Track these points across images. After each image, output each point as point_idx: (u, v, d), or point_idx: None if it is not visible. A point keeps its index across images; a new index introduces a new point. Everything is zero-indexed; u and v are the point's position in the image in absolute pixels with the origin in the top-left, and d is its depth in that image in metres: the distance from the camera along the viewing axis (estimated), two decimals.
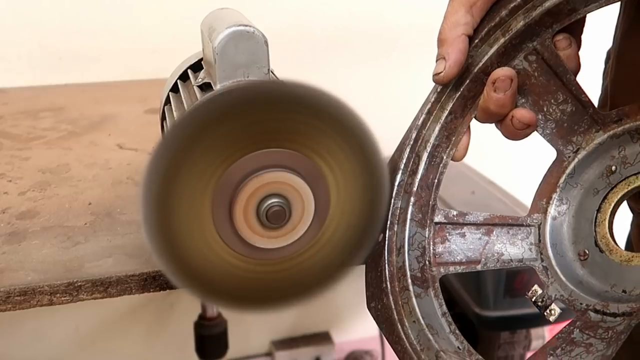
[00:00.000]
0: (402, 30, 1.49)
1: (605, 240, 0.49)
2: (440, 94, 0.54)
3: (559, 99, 0.52)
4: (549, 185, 0.53)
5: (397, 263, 0.52)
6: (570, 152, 0.52)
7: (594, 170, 0.51)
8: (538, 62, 0.51)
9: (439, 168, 0.54)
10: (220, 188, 0.43)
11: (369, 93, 1.48)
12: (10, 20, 1.23)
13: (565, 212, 0.52)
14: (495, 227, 0.53)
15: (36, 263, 0.55)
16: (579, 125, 0.52)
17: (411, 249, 0.52)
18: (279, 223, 0.44)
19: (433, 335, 0.48)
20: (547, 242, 0.52)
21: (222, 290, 0.46)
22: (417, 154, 0.54)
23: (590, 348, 0.43)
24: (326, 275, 0.47)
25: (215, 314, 1.31)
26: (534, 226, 0.53)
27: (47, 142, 0.88)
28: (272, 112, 0.42)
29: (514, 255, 0.52)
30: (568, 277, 0.50)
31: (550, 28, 0.50)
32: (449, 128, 0.54)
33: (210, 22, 0.55)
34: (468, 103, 0.54)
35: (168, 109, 0.63)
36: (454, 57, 0.50)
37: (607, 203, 0.50)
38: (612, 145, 0.50)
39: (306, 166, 0.44)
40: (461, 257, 0.53)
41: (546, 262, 0.51)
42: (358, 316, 1.66)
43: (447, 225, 0.53)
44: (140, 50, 1.31)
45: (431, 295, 0.51)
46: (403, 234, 0.53)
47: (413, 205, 0.53)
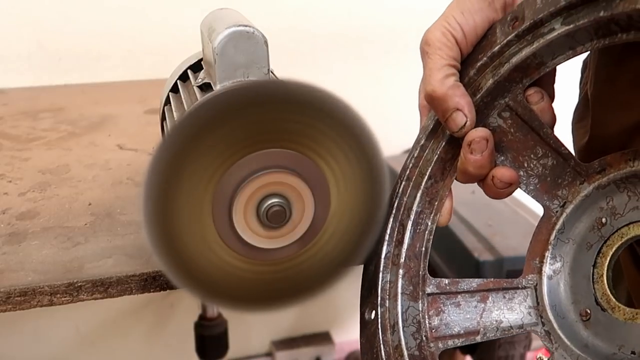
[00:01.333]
0: (402, 31, 1.48)
1: (606, 297, 0.47)
2: (418, 159, 0.53)
3: (538, 154, 0.50)
4: (540, 242, 0.51)
5: (392, 342, 0.49)
6: (557, 207, 0.51)
7: (584, 223, 0.49)
8: (512, 118, 0.50)
9: (424, 235, 0.52)
10: (221, 188, 0.43)
11: (369, 93, 1.49)
12: (10, 20, 1.23)
13: (560, 270, 0.50)
14: (490, 293, 0.51)
15: (36, 263, 0.55)
16: (562, 178, 0.50)
17: (406, 325, 0.50)
18: (279, 223, 0.44)
19: None
20: (546, 304, 0.49)
21: (222, 290, 0.46)
22: (400, 223, 0.52)
23: None
24: (326, 275, 0.48)
25: (215, 314, 1.31)
26: (530, 288, 0.50)
27: (47, 142, 0.88)
28: (272, 112, 0.42)
29: (513, 322, 0.50)
30: (572, 340, 0.47)
31: (521, 83, 0.49)
32: (430, 193, 0.52)
33: (210, 22, 0.55)
34: (447, 165, 0.52)
35: (168, 109, 0.63)
36: (465, 102, 0.48)
37: (602, 257, 0.48)
38: (599, 197, 0.49)
39: (306, 166, 0.44)
40: (458, 329, 0.50)
41: (548, 326, 0.49)
42: (358, 316, 1.66)
43: (440, 295, 0.51)
44: (140, 50, 1.31)
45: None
46: (396, 309, 0.50)
47: (402, 277, 0.51)
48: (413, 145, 0.53)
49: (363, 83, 1.49)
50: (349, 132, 0.44)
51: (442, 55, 0.49)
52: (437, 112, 0.50)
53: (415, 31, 1.71)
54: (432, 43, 0.49)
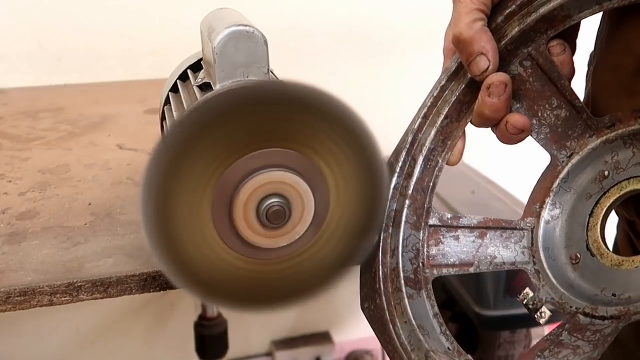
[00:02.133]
0: (402, 31, 1.49)
1: (597, 244, 0.49)
2: (437, 99, 0.54)
3: (553, 105, 0.52)
4: (543, 189, 0.53)
5: (391, 265, 0.52)
6: (564, 157, 0.53)
7: (588, 175, 0.52)
8: (533, 68, 0.52)
9: (434, 172, 0.55)
10: (220, 188, 0.43)
11: (369, 93, 1.48)
12: (10, 20, 1.23)
13: (558, 217, 0.52)
14: (489, 231, 0.54)
15: (36, 264, 0.55)
16: (573, 130, 0.52)
17: (405, 251, 0.53)
18: (279, 223, 0.44)
19: (424, 336, 0.49)
20: (540, 246, 0.52)
21: (222, 290, 0.46)
22: (413, 157, 0.54)
23: (577, 350, 0.44)
24: (326, 275, 0.47)
25: (215, 314, 1.31)
26: (527, 230, 0.53)
27: (47, 142, 0.88)
28: (272, 112, 0.42)
29: (506, 259, 0.53)
30: (559, 280, 0.50)
31: (545, 34, 0.51)
32: (444, 132, 0.55)
33: (210, 22, 0.55)
34: (464, 108, 0.54)
35: (168, 109, 0.63)
36: (491, 46, 0.50)
37: (599, 208, 0.50)
38: (605, 151, 0.51)
39: (306, 166, 0.44)
40: (454, 259, 0.53)
41: (538, 266, 0.51)
42: (358, 316, 1.66)
43: (441, 228, 0.54)
44: (140, 50, 1.31)
45: (424, 296, 0.52)
46: (397, 236, 0.53)
47: (408, 208, 0.53)
48: (434, 86, 0.55)
49: (363, 83, 1.48)
50: (349, 132, 0.44)
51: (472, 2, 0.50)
52: (461, 55, 0.51)
53: (416, 31, 1.72)
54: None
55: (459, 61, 0.53)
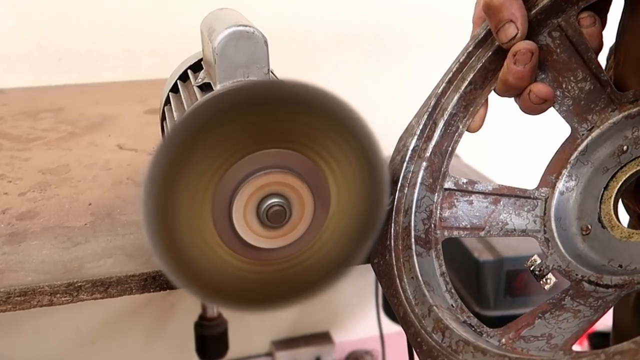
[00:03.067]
0: (402, 31, 1.49)
1: (608, 216, 0.50)
2: (463, 65, 0.55)
3: (578, 77, 0.52)
4: (560, 161, 0.54)
5: (403, 223, 0.53)
6: (585, 130, 0.53)
7: (606, 149, 0.52)
8: (561, 39, 0.52)
9: (454, 136, 0.55)
10: (221, 188, 0.43)
11: (369, 93, 1.49)
12: (10, 20, 1.23)
13: (573, 188, 0.53)
14: (502, 198, 0.54)
15: (36, 263, 0.55)
16: (595, 103, 0.52)
17: (418, 211, 0.53)
18: (279, 223, 0.44)
19: (429, 291, 0.49)
20: (552, 216, 0.52)
21: (222, 290, 0.46)
22: (434, 121, 0.55)
23: (577, 314, 0.45)
24: (326, 274, 0.47)
25: (215, 314, 1.31)
26: (541, 199, 0.53)
27: (47, 142, 0.88)
28: (272, 112, 0.42)
29: (517, 226, 0.53)
30: (568, 249, 0.50)
31: (576, 5, 0.51)
32: (467, 98, 0.55)
33: (210, 22, 0.55)
34: (489, 75, 0.55)
35: (168, 109, 0.63)
36: (520, 14, 0.50)
37: (615, 181, 0.50)
38: (626, 125, 0.51)
39: (306, 166, 0.44)
40: (466, 222, 0.54)
41: (548, 235, 0.52)
42: (358, 316, 1.66)
43: (456, 192, 0.55)
44: (140, 50, 1.31)
45: (432, 255, 0.52)
46: (412, 196, 0.54)
47: (425, 170, 0.54)
48: (461, 52, 0.56)
49: (363, 83, 1.49)
50: (349, 132, 0.44)
51: None
52: (490, 21, 0.52)
53: (416, 31, 1.72)
54: None
55: (487, 28, 0.54)
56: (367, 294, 1.53)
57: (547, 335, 0.44)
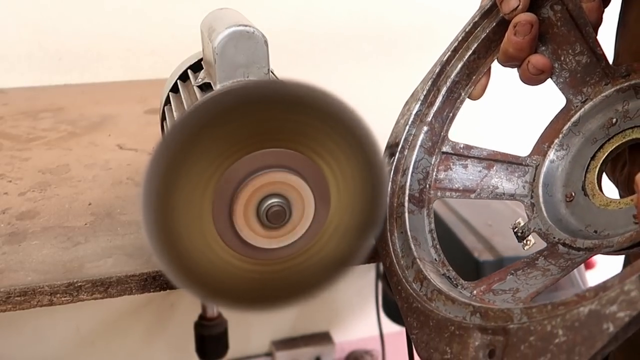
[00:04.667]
0: (402, 31, 1.49)
1: (591, 185, 0.52)
2: (468, 34, 0.57)
3: (576, 50, 0.54)
4: (553, 130, 0.55)
5: (400, 182, 0.55)
6: (579, 102, 0.54)
7: (597, 121, 0.53)
8: (562, 12, 0.53)
9: (455, 103, 0.58)
10: (221, 188, 0.43)
11: (369, 93, 1.48)
12: (10, 20, 1.23)
13: (563, 157, 0.55)
14: (496, 163, 0.56)
15: (36, 263, 0.55)
16: (590, 77, 0.54)
17: (415, 172, 0.56)
18: (279, 223, 0.44)
19: (415, 245, 0.52)
20: (540, 182, 0.54)
21: (222, 290, 0.46)
22: (437, 87, 0.58)
23: (546, 272, 0.47)
24: (326, 274, 0.47)
25: (215, 314, 1.31)
26: (532, 166, 0.55)
27: (47, 142, 0.88)
28: (272, 112, 0.42)
29: (507, 190, 0.56)
30: (550, 215, 0.53)
31: None
32: (470, 67, 0.57)
33: (210, 22, 0.55)
34: (492, 45, 0.57)
35: (168, 109, 0.63)
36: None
37: (601, 152, 0.52)
38: (617, 99, 0.52)
39: (306, 166, 0.44)
40: (459, 185, 0.56)
41: (534, 200, 0.54)
42: (358, 316, 1.66)
43: (452, 155, 0.57)
44: (140, 50, 1.31)
45: (424, 214, 0.55)
46: (411, 157, 0.56)
47: (425, 133, 0.57)
48: (467, 22, 0.58)
49: (363, 83, 1.49)
50: (349, 132, 0.44)
51: None
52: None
53: (415, 31, 1.72)
54: None
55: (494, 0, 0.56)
56: (367, 294, 1.53)
57: (514, 290, 0.47)
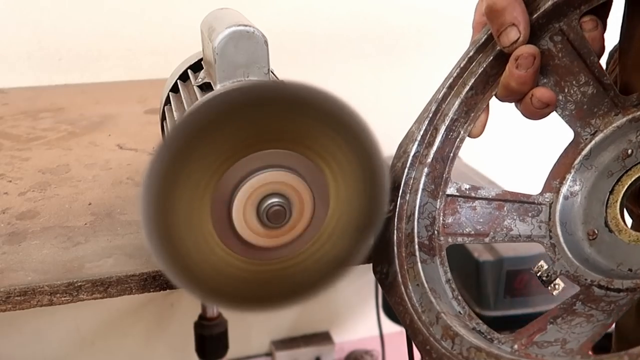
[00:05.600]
0: (402, 32, 1.49)
1: (615, 220, 0.49)
2: (463, 70, 0.55)
3: (580, 81, 0.52)
4: (564, 165, 0.53)
5: (405, 230, 0.52)
6: (588, 135, 0.52)
7: (610, 153, 0.51)
8: (563, 43, 0.52)
9: (455, 142, 0.55)
10: (220, 188, 0.43)
11: (369, 93, 1.49)
12: (10, 20, 1.23)
13: (577, 193, 0.52)
14: (506, 203, 0.54)
15: (36, 263, 0.55)
16: (598, 107, 0.52)
17: (421, 218, 0.53)
18: (279, 223, 0.44)
19: (435, 298, 0.49)
20: (557, 221, 0.52)
21: (222, 290, 0.46)
22: (435, 126, 0.55)
23: (590, 318, 0.44)
24: (326, 274, 0.47)
25: (215, 314, 1.31)
26: (545, 205, 0.53)
27: (47, 142, 0.88)
28: (272, 112, 0.42)
29: (522, 231, 0.53)
30: (575, 254, 0.50)
31: (578, 9, 0.51)
32: (468, 103, 0.55)
33: (210, 22, 0.55)
34: (490, 80, 0.55)
35: (168, 109, 0.63)
36: (523, 18, 0.50)
37: (620, 185, 0.50)
38: (630, 129, 0.50)
39: (306, 166, 0.44)
40: (470, 229, 0.53)
41: (554, 240, 0.51)
42: (358, 316, 1.66)
43: (458, 197, 0.54)
44: (140, 50, 1.31)
45: (437, 262, 0.52)
46: (414, 202, 0.53)
47: (427, 176, 0.54)
48: (461, 57, 0.55)
49: (363, 83, 1.49)
50: (348, 132, 0.44)
51: None
52: (492, 25, 0.51)
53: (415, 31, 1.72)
54: None
55: (488, 32, 0.53)
56: (367, 294, 1.53)
57: (561, 340, 0.43)
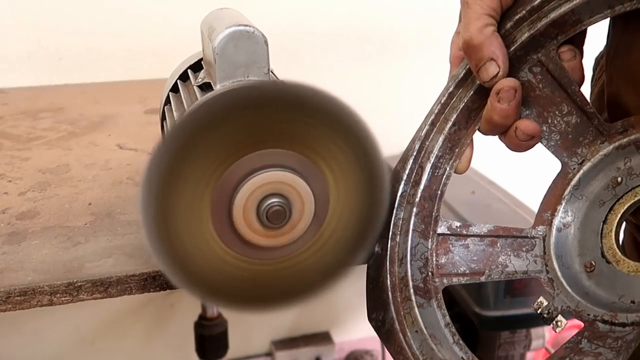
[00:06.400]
0: (402, 31, 1.49)
1: (612, 251, 0.49)
2: (444, 105, 0.54)
3: (563, 111, 0.51)
4: (554, 197, 0.52)
5: (399, 274, 0.51)
6: (575, 164, 0.52)
7: (600, 181, 0.51)
8: (543, 74, 0.51)
9: (442, 179, 0.54)
10: (220, 188, 0.43)
11: (369, 93, 1.49)
12: (10, 20, 1.23)
13: (570, 224, 0.52)
14: (499, 239, 0.53)
15: (36, 263, 0.55)
16: (584, 136, 0.51)
17: (413, 260, 0.52)
18: (279, 223, 0.44)
19: (436, 345, 0.48)
20: (552, 254, 0.51)
21: (222, 290, 0.46)
22: (420, 165, 0.54)
23: (599, 357, 0.43)
24: (326, 275, 0.47)
25: (215, 314, 1.31)
26: (538, 238, 0.52)
27: (47, 142, 0.88)
28: (272, 112, 0.42)
29: (518, 267, 0.52)
30: (574, 288, 0.49)
31: (555, 39, 0.50)
32: (452, 139, 0.54)
33: (210, 22, 0.55)
34: (472, 115, 0.54)
35: (168, 109, 0.63)
36: (501, 52, 0.49)
37: (613, 214, 0.49)
38: (617, 157, 0.50)
39: (306, 166, 0.44)
40: (464, 268, 0.52)
41: (552, 274, 0.50)
42: (358, 316, 1.66)
43: (450, 236, 0.53)
44: (140, 50, 1.31)
45: (434, 306, 0.51)
46: (405, 244, 0.52)
47: (416, 216, 0.53)
48: (441, 92, 0.54)
49: (363, 83, 1.49)
50: (348, 132, 0.44)
51: (482, 5, 0.50)
52: (470, 60, 0.51)
53: (415, 31, 1.72)
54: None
55: (467, 67, 0.53)
56: None
57: None
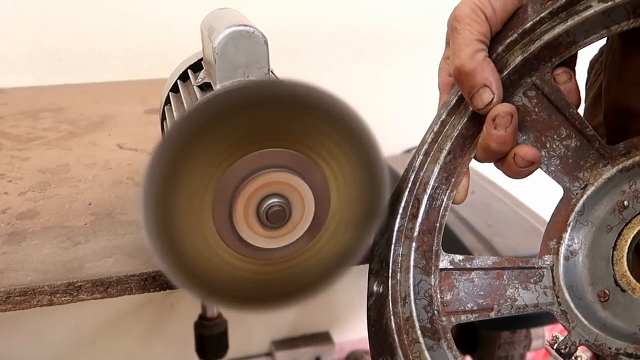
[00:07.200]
0: (402, 31, 1.49)
1: (625, 278, 0.47)
2: (437, 134, 0.52)
3: (562, 134, 0.50)
4: (558, 224, 0.50)
5: (403, 314, 0.48)
6: (578, 189, 0.50)
7: (605, 206, 0.49)
8: (538, 97, 0.49)
9: (440, 211, 0.52)
10: (221, 188, 0.43)
11: (369, 93, 1.49)
12: (11, 20, 1.23)
13: (577, 252, 0.49)
14: (505, 271, 0.50)
15: (36, 263, 0.55)
16: (585, 160, 0.50)
17: (417, 298, 0.49)
18: (279, 223, 0.44)
19: None
20: (562, 285, 0.49)
21: (222, 290, 0.46)
22: (416, 197, 0.51)
23: None
24: (326, 274, 0.47)
25: (215, 314, 1.31)
26: (546, 268, 0.50)
27: (47, 142, 0.88)
28: (272, 112, 0.42)
29: (528, 300, 0.49)
30: (590, 320, 0.47)
31: (550, 62, 0.49)
32: (448, 169, 0.52)
33: (210, 22, 0.55)
34: (467, 142, 0.52)
35: (168, 109, 0.63)
36: (494, 78, 0.48)
37: (622, 240, 0.47)
38: (622, 180, 0.48)
39: (306, 166, 0.44)
40: (472, 304, 0.50)
41: (564, 306, 0.48)
42: (358, 316, 1.66)
43: (453, 271, 0.50)
44: (140, 50, 1.31)
45: (444, 347, 0.48)
46: (407, 282, 0.49)
47: (415, 251, 0.51)
48: (433, 121, 0.52)
49: (363, 83, 1.49)
50: (348, 132, 0.44)
51: (471, 30, 0.48)
52: (463, 87, 0.49)
53: (415, 32, 1.72)
54: (461, 19, 0.48)
55: (458, 94, 0.51)
56: None
57: None
